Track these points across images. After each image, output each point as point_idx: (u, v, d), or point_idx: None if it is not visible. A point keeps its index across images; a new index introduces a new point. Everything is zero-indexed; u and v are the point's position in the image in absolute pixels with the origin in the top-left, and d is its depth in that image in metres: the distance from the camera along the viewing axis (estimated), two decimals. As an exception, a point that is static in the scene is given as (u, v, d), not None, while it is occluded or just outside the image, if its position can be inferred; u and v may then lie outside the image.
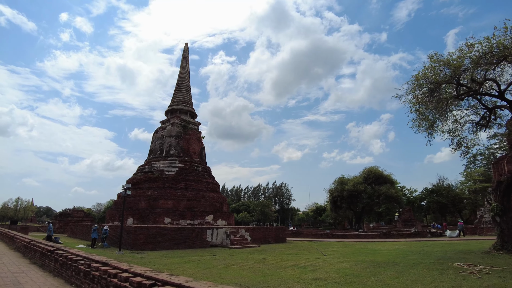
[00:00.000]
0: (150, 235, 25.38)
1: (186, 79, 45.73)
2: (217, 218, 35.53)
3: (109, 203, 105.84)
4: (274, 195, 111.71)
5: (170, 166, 36.79)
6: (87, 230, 33.46)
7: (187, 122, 41.28)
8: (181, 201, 33.76)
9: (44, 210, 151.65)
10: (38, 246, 14.79)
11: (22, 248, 17.87)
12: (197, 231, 28.49)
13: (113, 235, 27.60)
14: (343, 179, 64.41)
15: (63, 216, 48.55)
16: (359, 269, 15.11)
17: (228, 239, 29.97)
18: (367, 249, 28.24)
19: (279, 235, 36.69)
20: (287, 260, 19.48)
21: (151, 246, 25.04)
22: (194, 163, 38.84)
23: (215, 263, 18.20)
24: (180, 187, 34.87)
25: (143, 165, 39.41)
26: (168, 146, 38.99)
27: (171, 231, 26.75)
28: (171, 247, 26.20)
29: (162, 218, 31.88)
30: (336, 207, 63.56)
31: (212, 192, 38.00)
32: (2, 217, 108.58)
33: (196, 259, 20.00)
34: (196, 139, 41.07)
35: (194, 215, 33.47)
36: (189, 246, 27.31)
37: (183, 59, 47.20)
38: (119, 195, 37.69)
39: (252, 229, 34.25)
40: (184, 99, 43.67)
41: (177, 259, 19.56)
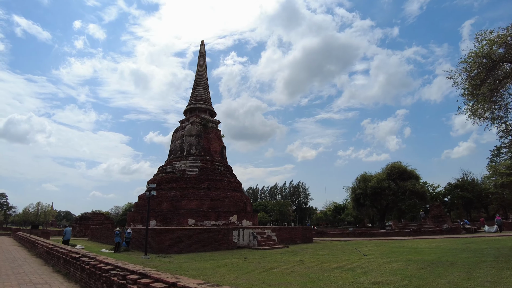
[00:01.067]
0: (176, 238, 24.00)
1: (203, 77, 44.35)
2: (242, 218, 33.97)
3: (127, 206, 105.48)
4: (291, 195, 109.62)
5: (191, 166, 35.39)
6: (109, 233, 32.27)
7: (207, 120, 39.86)
8: (205, 201, 32.30)
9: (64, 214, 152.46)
10: (61, 252, 13.40)
11: (44, 254, 16.57)
12: (223, 232, 27.03)
13: (136, 238, 26.29)
14: (365, 176, 62.11)
15: (83, 219, 47.68)
16: (415, 270, 13.72)
17: (255, 240, 28.46)
18: (404, 247, 26.62)
19: (305, 234, 35.08)
20: (328, 262, 17.93)
21: (176, 249, 23.67)
22: (216, 162, 37.38)
23: (250, 266, 16.67)
24: (203, 187, 33.42)
25: (164, 165, 38.11)
26: (188, 146, 37.60)
27: (197, 233, 25.33)
28: (197, 250, 24.82)
29: (186, 220, 30.46)
30: (359, 205, 61.29)
31: (235, 191, 36.46)
32: (23, 221, 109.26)
33: (228, 262, 18.52)
34: (217, 137, 39.62)
35: (218, 215, 31.97)
36: (215, 248, 25.89)
37: (200, 57, 45.83)
38: (140, 196, 36.44)
39: (278, 229, 32.59)
40: (202, 97, 42.28)
41: (208, 263, 18.09)
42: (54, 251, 14.66)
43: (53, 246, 15.87)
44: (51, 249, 15.39)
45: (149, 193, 21.47)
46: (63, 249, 14.37)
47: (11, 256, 17.77)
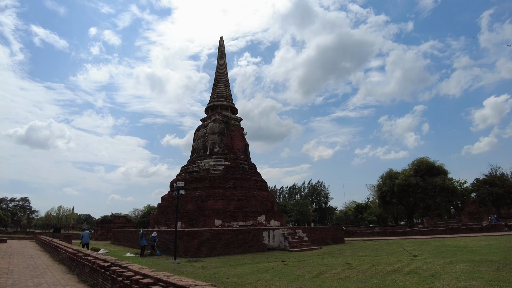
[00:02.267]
0: (205, 240, 22.31)
1: (224, 73, 42.71)
2: (270, 219, 32.08)
3: (146, 209, 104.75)
4: (311, 194, 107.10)
5: (215, 165, 33.71)
6: (132, 236, 30.81)
7: (229, 118, 38.18)
8: (231, 201, 30.55)
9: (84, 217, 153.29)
10: (87, 259, 11.76)
11: (67, 261, 15.01)
12: (253, 233, 25.26)
13: (162, 241, 24.71)
14: (391, 172, 59.43)
15: (105, 222, 46.55)
16: (491, 272, 12.12)
17: (286, 241, 26.62)
18: (450, 246, 24.79)
19: (336, 235, 33.10)
20: (379, 264, 16.06)
21: (206, 252, 21.99)
22: (240, 161, 35.62)
23: (295, 271, 14.88)
24: (228, 186, 31.69)
25: (187, 165, 36.56)
26: (211, 144, 35.95)
27: (227, 234, 23.59)
28: (227, 252, 23.13)
29: (212, 220, 28.75)
30: (385, 203, 58.65)
31: (261, 190, 34.64)
32: (46, 225, 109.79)
33: (267, 266, 16.73)
34: (240, 135, 37.89)
35: (245, 215, 30.16)
36: (245, 251, 24.17)
37: (219, 54, 44.24)
38: (163, 197, 34.95)
39: (309, 229, 30.66)
40: (224, 95, 40.62)
41: (245, 268, 16.31)
42: (78, 257, 13.05)
43: (77, 252, 14.28)
44: (75, 255, 13.80)
45: (177, 192, 19.79)
46: (88, 255, 12.73)
47: (32, 263, 16.30)
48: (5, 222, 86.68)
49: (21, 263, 16.26)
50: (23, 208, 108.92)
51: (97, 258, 11.47)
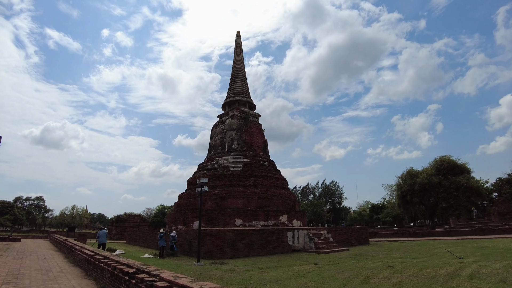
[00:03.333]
0: (228, 240, 20.69)
1: (241, 68, 41.04)
2: (292, 218, 30.27)
3: (159, 208, 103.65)
4: (324, 195, 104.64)
5: (234, 162, 32.02)
6: (149, 236, 29.30)
7: (247, 114, 36.50)
8: (252, 200, 28.82)
9: (98, 216, 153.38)
10: (106, 263, 10.15)
11: (83, 263, 13.44)
12: (278, 233, 23.58)
13: (181, 241, 23.13)
14: (412, 171, 57.04)
15: (120, 221, 45.19)
16: None
17: (311, 242, 24.89)
18: (491, 247, 22.97)
19: (361, 236, 31.31)
20: (427, 267, 14.63)
21: (229, 253, 20.38)
22: (260, 158, 33.90)
23: (337, 276, 13.24)
24: (249, 184, 29.98)
25: (205, 162, 34.98)
26: (230, 141, 34.29)
27: (250, 235, 21.94)
28: (251, 254, 21.52)
29: (232, 220, 27.07)
30: (405, 203, 56.29)
31: (282, 189, 32.85)
32: (60, 224, 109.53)
33: (302, 270, 15.05)
34: (258, 131, 36.18)
35: (267, 215, 28.41)
36: (270, 252, 22.53)
37: (236, 49, 42.60)
38: (180, 196, 33.39)
39: (334, 230, 28.76)
40: (241, 90, 38.95)
41: (278, 272, 14.62)
42: (96, 260, 11.45)
43: (94, 254, 12.69)
44: (92, 257, 12.21)
45: (201, 189, 18.12)
46: (108, 258, 11.12)
47: (45, 265, 14.78)
48: (21, 221, 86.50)
49: (34, 265, 14.76)
50: (38, 207, 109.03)
51: (119, 262, 9.84)
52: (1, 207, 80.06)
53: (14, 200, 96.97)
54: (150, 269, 8.08)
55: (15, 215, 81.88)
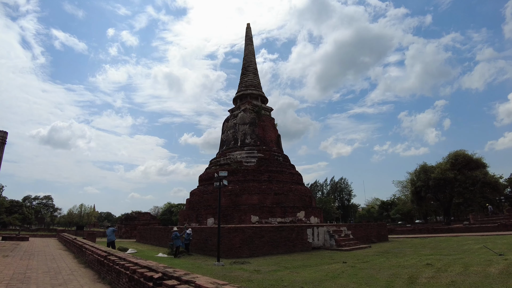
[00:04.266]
0: (247, 238, 19.30)
1: (252, 61, 39.54)
2: (309, 215, 28.79)
3: (166, 206, 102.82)
4: (333, 192, 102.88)
5: (248, 157, 30.57)
6: (160, 234, 27.97)
7: (260, 107, 35.01)
8: (268, 196, 27.37)
9: (105, 215, 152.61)
10: (123, 265, 8.79)
11: (95, 265, 12.08)
12: (297, 231, 22.18)
13: (196, 239, 21.77)
14: (426, 166, 55.05)
15: (129, 219, 43.96)
16: None
17: (332, 240, 23.45)
18: None
19: (380, 232, 29.89)
20: (471, 265, 13.22)
21: (248, 251, 18.99)
22: (274, 152, 32.43)
23: (376, 275, 12.01)
24: (264, 180, 28.53)
25: (217, 157, 33.56)
26: (242, 135, 32.84)
27: (270, 232, 20.56)
28: (270, 252, 20.14)
29: (248, 216, 25.63)
30: (419, 199, 54.46)
31: (298, 184, 31.36)
32: (68, 222, 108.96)
33: (333, 269, 13.76)
34: (272, 125, 34.70)
35: (284, 211, 26.95)
36: (289, 250, 21.15)
37: (246, 41, 41.07)
38: (193, 192, 32.01)
39: (353, 226, 27.31)
40: (253, 83, 37.47)
41: (308, 272, 13.31)
42: (111, 261, 10.08)
43: (107, 254, 11.33)
44: (105, 258, 10.85)
45: (220, 183, 16.70)
46: (124, 259, 9.73)
47: (54, 266, 13.43)
48: (30, 220, 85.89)
49: (41, 266, 13.42)
50: (47, 206, 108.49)
51: (138, 265, 8.43)
52: (10, 206, 79.32)
53: (23, 199, 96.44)
54: (179, 273, 6.67)
55: (24, 214, 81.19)
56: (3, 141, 28.62)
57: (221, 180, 16.65)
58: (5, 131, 29.06)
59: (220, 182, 16.81)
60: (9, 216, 75.23)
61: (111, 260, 10.25)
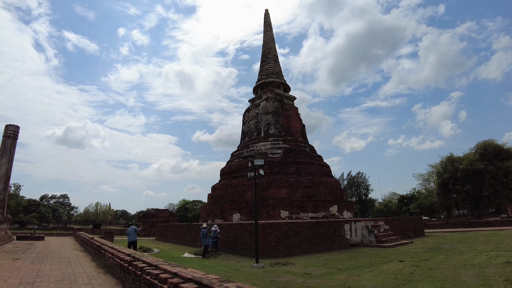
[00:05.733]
0: (282, 235, 17.01)
1: (272, 48, 37.07)
2: (342, 209, 26.32)
3: (181, 203, 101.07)
4: (350, 186, 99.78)
5: (273, 148, 28.18)
6: (183, 232, 25.79)
7: (283, 96, 32.55)
8: (297, 189, 24.98)
9: (121, 213, 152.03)
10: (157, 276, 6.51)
11: (117, 271, 9.87)
12: (334, 226, 19.83)
13: (225, 237, 19.52)
14: (452, 157, 52.02)
15: (147, 217, 42.04)
16: None
17: (371, 235, 21.04)
18: None
19: (417, 227, 27.51)
20: None
21: (284, 250, 16.72)
22: (300, 143, 29.97)
23: (460, 278, 9.59)
24: (291, 172, 26.12)
25: (239, 149, 31.23)
26: (265, 125, 30.45)
27: (306, 228, 18.25)
28: (307, 250, 17.88)
29: (277, 211, 23.28)
30: (446, 191, 51.41)
31: (328, 176, 28.88)
32: (85, 221, 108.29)
33: (396, 270, 11.74)
34: (296, 115, 32.25)
35: (316, 206, 24.52)
36: (327, 248, 18.85)
37: (265, 27, 38.60)
38: (215, 187, 29.79)
39: (391, 220, 24.78)
40: (274, 71, 35.00)
41: (370, 275, 11.16)
42: (138, 269, 7.82)
43: (132, 259, 9.10)
44: (131, 264, 8.60)
45: (255, 173, 14.32)
46: (156, 267, 7.44)
47: (69, 272, 11.26)
48: (47, 218, 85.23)
49: (54, 272, 11.27)
50: (63, 205, 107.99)
51: (179, 276, 6.13)
52: (28, 205, 78.54)
53: (40, 198, 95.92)
54: None
55: (41, 213, 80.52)
56: (15, 136, 26.79)
57: (257, 170, 14.28)
58: (17, 126, 27.24)
59: (255, 172, 14.44)
60: (27, 215, 74.41)
61: (138, 267, 7.98)
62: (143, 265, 7.91)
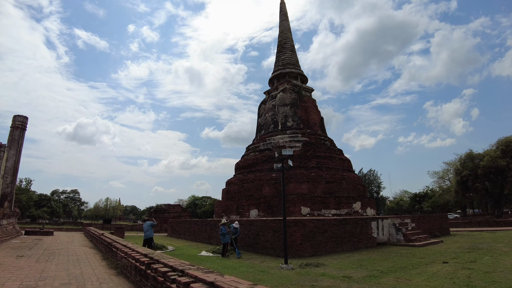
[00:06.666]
0: (308, 233, 15.49)
1: (289, 38, 35.37)
2: (366, 206, 24.65)
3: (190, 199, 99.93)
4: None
5: (292, 141, 26.57)
6: (197, 228, 24.32)
7: (300, 87, 30.87)
8: (318, 184, 23.37)
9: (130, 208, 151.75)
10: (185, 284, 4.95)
11: (132, 273, 8.42)
12: (361, 224, 18.28)
13: (244, 234, 17.99)
14: (472, 154, 49.82)
15: (159, 212, 40.81)
16: None
17: (399, 234, 19.47)
18: None
19: (442, 225, 25.77)
20: None
21: (310, 249, 15.20)
22: (320, 136, 28.28)
23: None
24: (312, 166, 24.49)
25: (255, 143, 29.66)
26: (283, 117, 28.82)
27: (333, 226, 16.73)
28: (334, 249, 16.35)
29: (298, 208, 21.71)
30: (466, 189, 49.28)
31: (349, 171, 27.20)
32: (95, 216, 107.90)
33: (447, 274, 10.43)
34: (314, 107, 30.56)
35: (339, 202, 22.88)
36: (354, 246, 17.35)
37: (281, 17, 36.98)
38: (230, 181, 28.27)
39: (417, 218, 23.06)
40: (291, 61, 33.31)
41: (420, 278, 9.81)
42: (160, 274, 6.33)
43: (150, 261, 7.64)
44: (149, 267, 7.13)
45: (282, 164, 12.75)
46: (183, 273, 5.94)
47: (77, 273, 9.81)
48: (58, 213, 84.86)
49: (60, 272, 9.85)
50: (74, 200, 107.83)
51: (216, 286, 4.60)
52: (39, 200, 78.24)
53: (51, 193, 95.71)
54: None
55: (52, 208, 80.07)
56: (23, 127, 25.57)
57: (284, 160, 12.71)
58: (25, 116, 26.01)
59: (282, 163, 12.88)
60: (38, 209, 74.00)
61: (159, 272, 6.48)
62: (165, 269, 6.39)
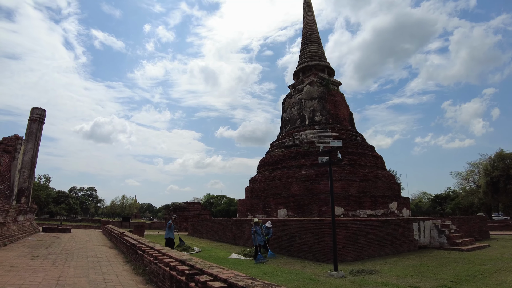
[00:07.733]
0: (350, 235, 13.79)
1: (314, 29, 33.57)
2: (401, 207, 22.69)
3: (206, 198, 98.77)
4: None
5: (321, 136, 24.78)
6: (221, 227, 22.73)
7: (328, 80, 29.01)
8: (351, 183, 21.54)
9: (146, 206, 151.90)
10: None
11: (165, 283, 6.87)
12: (403, 226, 16.55)
13: (275, 236, 16.28)
14: (503, 154, 47.15)
15: (178, 210, 39.51)
16: None
17: (442, 237, 17.65)
18: None
19: (482, 227, 23.67)
20: None
21: (353, 253, 13.52)
22: (351, 132, 26.43)
23: None
24: (344, 163, 22.65)
25: (281, 138, 27.93)
26: (310, 112, 27.05)
27: (375, 228, 15.03)
28: (376, 253, 14.64)
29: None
30: (495, 190, 46.58)
31: (383, 169, 25.26)
32: (111, 213, 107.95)
33: None
34: (343, 101, 28.66)
35: (374, 202, 21.00)
36: (396, 250, 15.65)
37: (305, 8, 35.15)
38: (254, 179, 26.66)
39: (457, 220, 21.01)
40: (317, 53, 31.51)
41: None
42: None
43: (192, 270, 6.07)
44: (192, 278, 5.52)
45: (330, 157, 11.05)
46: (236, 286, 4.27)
47: (99, 279, 8.29)
48: (75, 210, 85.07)
49: (80, 278, 8.36)
50: (91, 197, 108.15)
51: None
52: (57, 196, 78.40)
53: (69, 190, 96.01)
54: None
55: (70, 205, 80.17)
56: (41, 120, 24.48)
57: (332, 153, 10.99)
58: (44, 109, 24.93)
59: (329, 156, 11.18)
60: (56, 206, 74.06)
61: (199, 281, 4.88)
62: (219, 285, 4.77)
